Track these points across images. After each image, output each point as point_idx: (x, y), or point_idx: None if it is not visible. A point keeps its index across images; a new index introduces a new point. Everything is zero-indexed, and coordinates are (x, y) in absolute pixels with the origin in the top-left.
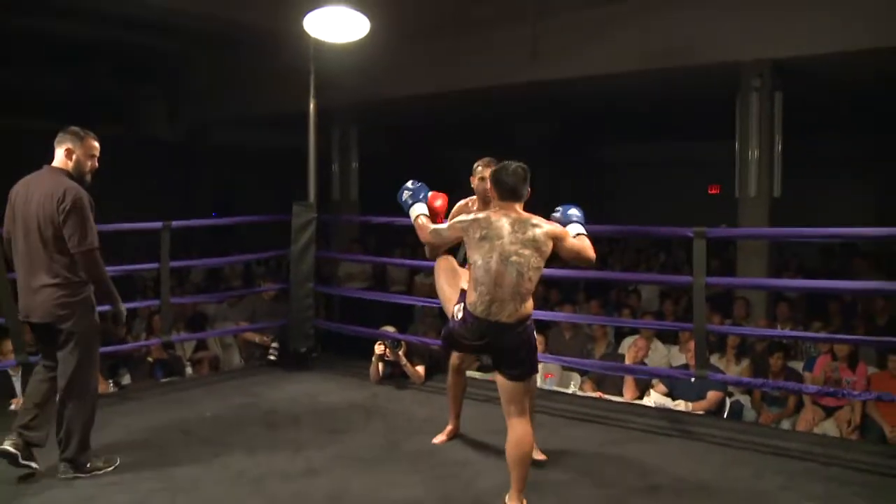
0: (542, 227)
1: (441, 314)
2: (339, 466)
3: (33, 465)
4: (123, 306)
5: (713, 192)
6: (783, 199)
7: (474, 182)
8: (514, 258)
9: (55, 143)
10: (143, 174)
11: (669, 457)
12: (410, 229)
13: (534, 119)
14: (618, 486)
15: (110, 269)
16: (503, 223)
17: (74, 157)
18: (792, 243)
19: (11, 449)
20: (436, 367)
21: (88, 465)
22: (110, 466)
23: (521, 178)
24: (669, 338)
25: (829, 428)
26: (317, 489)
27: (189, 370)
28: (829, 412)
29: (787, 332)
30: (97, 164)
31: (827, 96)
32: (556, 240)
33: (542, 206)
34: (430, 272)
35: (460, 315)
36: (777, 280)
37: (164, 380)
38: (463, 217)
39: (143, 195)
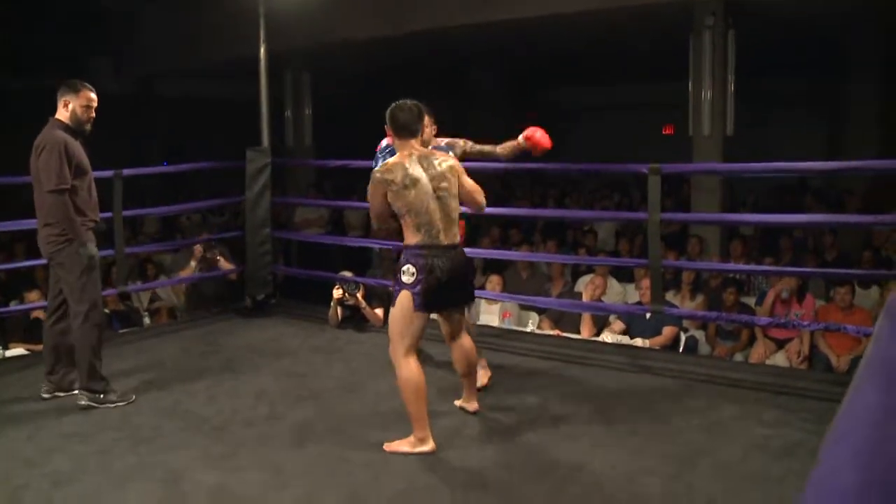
0: (446, 161)
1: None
2: (302, 410)
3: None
4: (88, 249)
5: (668, 132)
6: (736, 137)
7: None
8: (439, 193)
9: (57, 96)
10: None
11: (626, 390)
12: (367, 173)
13: (487, 62)
14: (575, 420)
15: None
16: (415, 166)
17: (70, 107)
18: (745, 182)
19: (46, 396)
20: None
21: (101, 396)
22: (123, 401)
23: (415, 115)
24: (625, 277)
25: (779, 360)
26: (281, 433)
27: (147, 320)
28: (780, 345)
29: (740, 266)
30: (94, 114)
31: (779, 34)
32: (458, 174)
33: None
34: None
35: (415, 270)
36: (728, 215)
37: (121, 331)
38: (376, 177)
39: (90, 147)
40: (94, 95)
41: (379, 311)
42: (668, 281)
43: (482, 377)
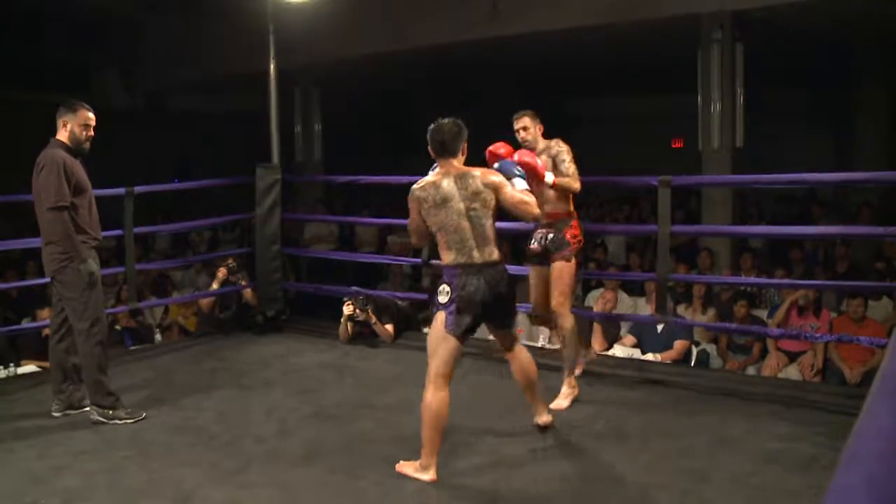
0: (482, 179)
1: (412, 273)
2: (312, 426)
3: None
4: (88, 265)
5: (677, 145)
6: (745, 148)
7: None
8: (471, 213)
9: (56, 116)
10: (101, 142)
11: (637, 404)
12: (376, 189)
13: (495, 75)
14: (586, 434)
15: None
16: (448, 184)
17: (69, 127)
18: (754, 194)
19: (57, 414)
20: (405, 325)
21: (110, 413)
22: (132, 419)
23: (454, 133)
24: (636, 290)
25: (792, 373)
26: (291, 449)
27: (158, 337)
28: (793, 357)
29: (751, 279)
30: (93, 133)
31: (787, 46)
32: (496, 189)
33: None
34: (401, 231)
35: (449, 290)
36: (739, 227)
37: (133, 347)
38: (412, 193)
39: (102, 164)
40: (91, 115)
41: (389, 327)
42: (679, 294)
43: (562, 398)
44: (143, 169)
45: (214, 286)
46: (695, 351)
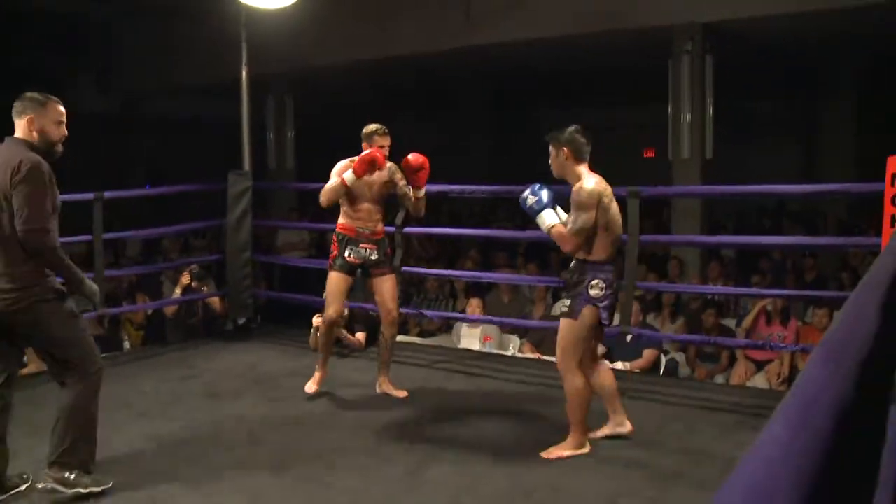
0: None
1: None
2: (282, 434)
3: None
4: (92, 284)
5: (648, 155)
6: (715, 159)
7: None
8: None
9: (13, 113)
10: (74, 147)
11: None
12: None
13: (470, 85)
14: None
15: None
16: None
17: (38, 125)
18: (724, 205)
19: None
20: (376, 332)
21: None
22: (98, 487)
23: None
24: None
25: (760, 381)
26: (261, 457)
27: (127, 344)
28: (760, 366)
29: (719, 288)
30: (66, 131)
31: (756, 58)
32: None
33: (483, 171)
34: None
35: (604, 285)
36: (708, 237)
37: (102, 355)
38: (598, 191)
39: (75, 169)
40: (62, 109)
41: (360, 335)
42: (649, 303)
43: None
44: (116, 173)
45: (177, 292)
46: (664, 360)
